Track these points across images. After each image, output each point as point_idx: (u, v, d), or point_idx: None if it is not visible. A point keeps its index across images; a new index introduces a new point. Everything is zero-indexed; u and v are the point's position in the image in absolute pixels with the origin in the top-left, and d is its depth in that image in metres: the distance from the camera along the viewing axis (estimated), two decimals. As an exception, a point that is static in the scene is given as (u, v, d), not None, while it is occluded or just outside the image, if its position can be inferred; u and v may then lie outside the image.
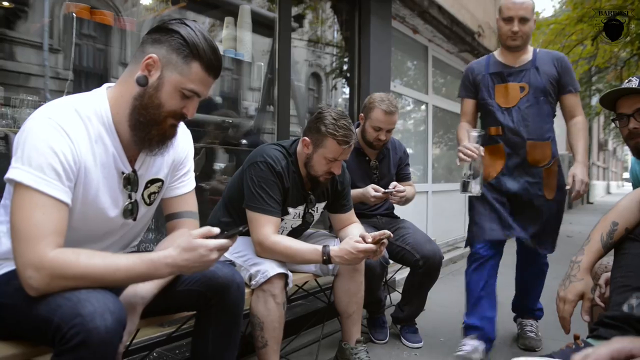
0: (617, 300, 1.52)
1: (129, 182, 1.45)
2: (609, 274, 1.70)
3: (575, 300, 1.61)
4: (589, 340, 1.48)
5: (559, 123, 2.78)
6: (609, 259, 1.85)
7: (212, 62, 1.37)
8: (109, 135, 1.37)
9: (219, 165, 3.52)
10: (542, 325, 3.34)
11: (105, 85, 1.45)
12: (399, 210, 3.27)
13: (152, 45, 1.36)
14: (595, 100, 16.54)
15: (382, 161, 3.03)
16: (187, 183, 1.65)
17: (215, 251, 1.32)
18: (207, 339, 1.63)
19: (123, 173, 1.43)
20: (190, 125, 1.66)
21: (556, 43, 12.62)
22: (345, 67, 4.70)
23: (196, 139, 3.30)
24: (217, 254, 1.33)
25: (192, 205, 1.66)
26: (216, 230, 1.34)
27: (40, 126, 1.25)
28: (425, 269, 2.77)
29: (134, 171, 1.46)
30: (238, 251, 2.18)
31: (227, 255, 2.19)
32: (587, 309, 1.61)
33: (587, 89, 16.28)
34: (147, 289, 1.44)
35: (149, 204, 1.55)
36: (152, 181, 1.54)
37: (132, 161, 1.45)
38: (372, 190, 2.71)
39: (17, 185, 1.22)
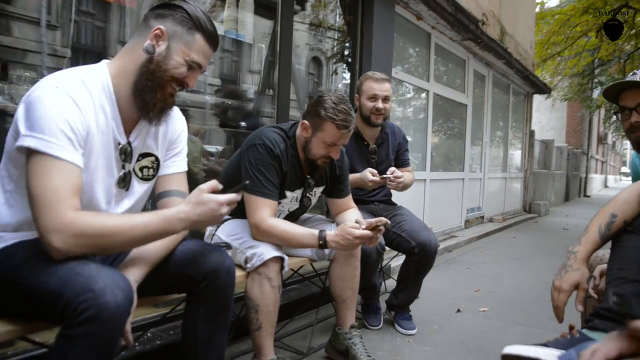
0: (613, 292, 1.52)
1: (124, 152, 1.49)
2: (604, 266, 1.70)
3: (570, 290, 1.61)
4: (584, 331, 1.49)
5: (559, 114, 2.75)
6: (604, 251, 1.85)
7: (212, 34, 1.49)
8: (110, 105, 1.43)
9: (217, 147, 3.51)
10: (534, 315, 3.37)
11: (104, 61, 1.49)
12: (396, 197, 3.26)
13: (156, 19, 1.44)
14: (597, 93, 16.50)
15: (381, 146, 3.03)
16: (178, 163, 1.68)
17: (225, 205, 1.39)
18: (197, 322, 1.63)
19: (119, 144, 1.47)
20: (188, 106, 1.66)
21: (560, 34, 12.60)
22: (346, 52, 4.66)
23: (194, 120, 3.32)
24: (227, 208, 1.40)
25: (183, 185, 1.68)
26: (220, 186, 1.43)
27: (50, 95, 1.28)
28: (421, 256, 2.78)
29: (129, 143, 1.51)
30: (234, 234, 2.17)
31: (223, 237, 2.18)
32: (582, 299, 1.61)
33: (589, 82, 16.25)
34: (136, 272, 1.45)
35: (142, 178, 1.58)
36: (144, 155, 1.58)
37: (127, 133, 1.50)
38: (369, 174, 2.70)
39: (31, 153, 1.24)
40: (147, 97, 1.44)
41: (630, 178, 2.66)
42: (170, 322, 2.45)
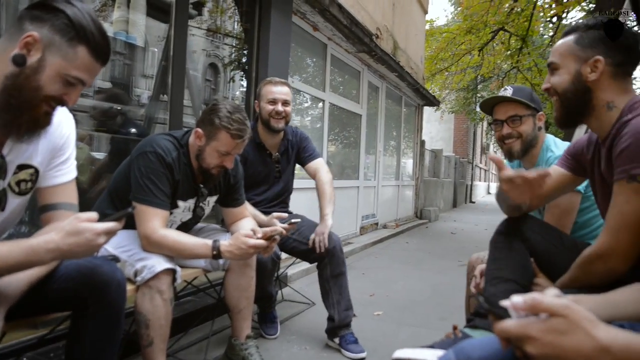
0: (490, 290, 1.63)
1: None
2: (483, 265, 1.81)
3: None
4: (466, 330, 1.58)
5: (447, 126, 2.93)
6: (485, 253, 1.98)
7: (100, 46, 1.28)
8: None
9: (105, 155, 3.32)
10: (425, 317, 3.53)
11: None
12: (293, 206, 3.28)
13: (32, 22, 1.23)
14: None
15: (284, 153, 3.03)
16: (66, 172, 1.52)
17: (102, 235, 1.25)
18: (84, 341, 1.52)
19: None
20: (74, 110, 1.53)
21: (447, 51, 13.41)
22: (244, 60, 4.63)
23: (81, 125, 3.12)
24: (105, 238, 1.26)
25: (71, 196, 1.53)
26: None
27: None
28: (330, 257, 2.78)
29: (2, 156, 1.31)
30: (123, 245, 2.07)
31: (111, 249, 2.07)
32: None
33: (473, 96, 17.49)
34: (13, 287, 1.31)
35: (19, 193, 1.41)
36: (22, 167, 1.39)
37: (0, 145, 1.31)
38: (278, 222, 2.59)
39: None
40: (10, 117, 1.23)
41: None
42: (51, 343, 2.27)
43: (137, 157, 2.06)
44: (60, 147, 1.49)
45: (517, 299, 0.79)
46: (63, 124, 1.49)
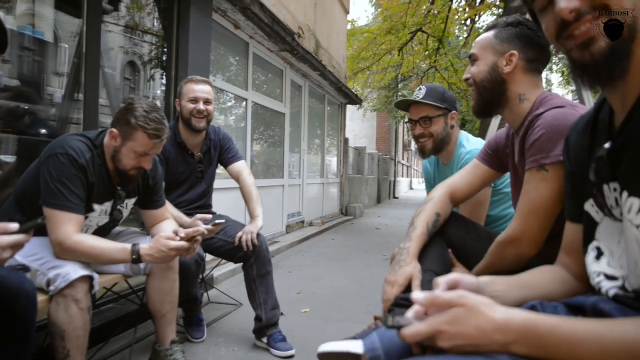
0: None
1: None
2: None
3: (405, 283, 1.69)
4: (386, 320, 1.62)
5: (370, 124, 2.99)
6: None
7: None
8: None
9: (11, 158, 3.11)
10: (352, 311, 3.59)
11: None
12: (217, 207, 3.23)
13: None
14: (400, 105, 18.29)
15: (207, 153, 2.98)
16: None
17: (7, 249, 1.17)
18: None
19: None
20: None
21: (368, 50, 13.69)
22: (163, 58, 4.50)
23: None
24: (10, 252, 1.19)
25: None
26: (14, 226, 1.18)
27: None
28: (256, 256, 2.76)
29: None
30: (33, 254, 1.94)
31: (20, 258, 1.94)
32: (418, 287, 1.70)
33: (394, 94, 18.00)
34: None
35: None
36: None
37: None
38: (202, 224, 2.45)
39: None
40: None
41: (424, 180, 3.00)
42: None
43: (46, 159, 1.95)
44: None
45: (417, 294, 0.83)
46: None
